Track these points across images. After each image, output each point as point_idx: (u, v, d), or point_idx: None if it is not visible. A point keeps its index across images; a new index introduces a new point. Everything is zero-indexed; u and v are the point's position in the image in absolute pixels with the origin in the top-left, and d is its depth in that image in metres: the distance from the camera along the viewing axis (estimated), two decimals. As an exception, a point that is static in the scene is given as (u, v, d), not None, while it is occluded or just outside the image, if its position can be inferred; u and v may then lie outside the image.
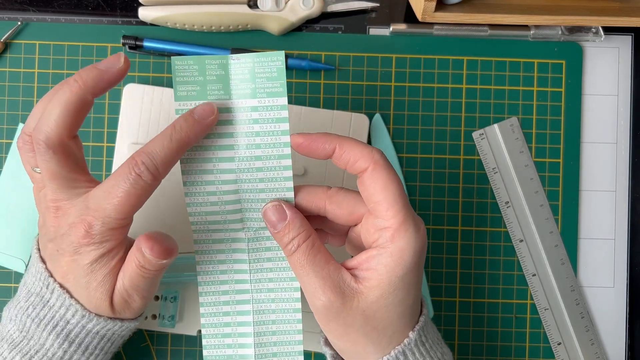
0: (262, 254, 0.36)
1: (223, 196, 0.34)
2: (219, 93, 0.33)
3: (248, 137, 0.34)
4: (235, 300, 0.36)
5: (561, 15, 0.43)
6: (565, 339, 0.47)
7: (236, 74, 0.33)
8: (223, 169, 0.34)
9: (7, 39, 0.46)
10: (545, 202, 0.47)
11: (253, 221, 0.35)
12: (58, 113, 0.32)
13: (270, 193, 0.34)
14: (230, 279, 0.36)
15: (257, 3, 0.45)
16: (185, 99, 0.33)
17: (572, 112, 0.47)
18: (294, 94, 0.47)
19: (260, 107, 0.33)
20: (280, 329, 0.36)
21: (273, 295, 0.36)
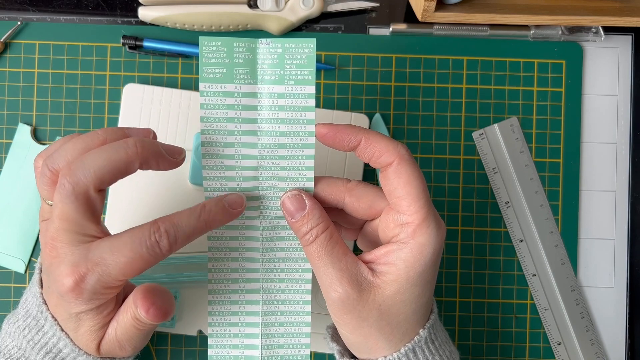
0: (276, 244, 0.35)
1: (242, 182, 0.34)
2: (245, 77, 0.33)
3: (273, 124, 0.33)
4: (245, 289, 0.36)
5: (561, 15, 0.43)
6: (566, 339, 0.47)
7: (264, 59, 0.33)
8: (245, 155, 0.33)
9: (7, 39, 0.46)
10: (545, 202, 0.47)
11: (270, 209, 0.35)
12: (102, 167, 0.30)
13: (291, 182, 0.34)
14: (241, 267, 0.35)
15: (257, 3, 0.45)
16: (211, 81, 0.33)
17: (572, 112, 0.47)
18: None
19: (287, 94, 0.33)
20: (288, 321, 0.36)
21: (284, 285, 0.35)
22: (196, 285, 0.45)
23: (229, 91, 0.33)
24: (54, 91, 0.46)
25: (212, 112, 0.33)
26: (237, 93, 0.33)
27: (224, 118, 0.33)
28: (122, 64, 0.47)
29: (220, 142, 0.33)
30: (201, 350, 0.46)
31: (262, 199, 0.34)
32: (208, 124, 0.33)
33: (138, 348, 0.34)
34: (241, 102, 0.33)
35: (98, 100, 0.46)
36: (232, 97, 0.33)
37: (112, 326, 0.33)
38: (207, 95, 0.33)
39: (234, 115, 0.33)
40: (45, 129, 0.46)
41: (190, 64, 0.47)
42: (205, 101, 0.33)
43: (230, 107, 0.33)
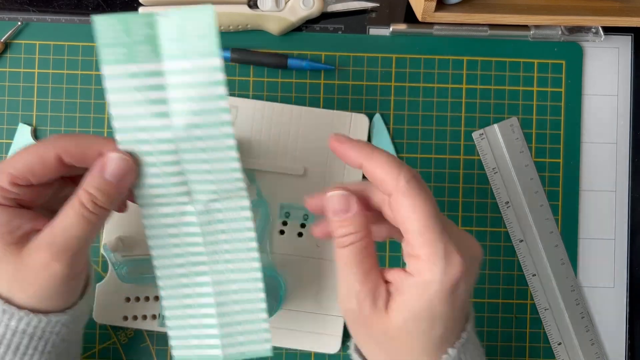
0: (216, 226, 0.34)
1: (164, 167, 0.32)
2: (148, 55, 0.31)
3: (183, 104, 0.31)
4: (193, 272, 0.35)
5: (561, 15, 0.43)
6: (566, 339, 0.47)
7: (165, 33, 0.30)
8: (160, 139, 0.32)
9: (7, 39, 0.46)
10: (545, 202, 0.47)
11: (201, 194, 0.33)
12: (17, 161, 0.32)
13: (215, 164, 0.32)
14: (184, 252, 0.34)
15: (257, 3, 0.45)
16: (113, 63, 0.31)
17: (572, 112, 0.47)
18: (294, 94, 0.47)
19: (193, 70, 0.31)
20: (242, 298, 0.35)
21: (232, 266, 0.34)
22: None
23: (133, 72, 0.31)
24: (54, 91, 0.46)
25: (120, 96, 0.31)
26: (142, 73, 0.31)
27: (132, 102, 0.31)
28: (122, 64, 0.47)
29: (132, 127, 0.32)
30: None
31: (190, 183, 0.33)
32: (118, 109, 0.31)
33: (70, 268, 0.32)
34: (147, 83, 0.31)
35: (98, 100, 0.46)
36: (137, 78, 0.31)
37: (45, 231, 0.32)
38: (111, 79, 0.31)
39: (141, 97, 0.31)
40: (46, 129, 0.46)
41: (191, 64, 0.47)
42: (111, 85, 0.31)
43: (137, 89, 0.31)
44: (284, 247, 0.45)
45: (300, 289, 0.45)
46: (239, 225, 0.34)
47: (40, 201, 0.34)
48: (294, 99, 0.47)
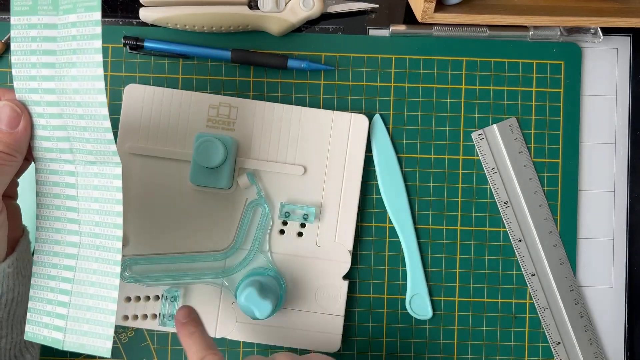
0: (90, 193, 0.35)
1: (50, 120, 0.34)
2: (47, 8, 0.33)
3: (67, 55, 0.33)
4: (66, 241, 0.36)
5: (560, 16, 0.44)
6: (565, 338, 0.47)
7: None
8: (46, 89, 0.33)
9: (8, 40, 0.46)
10: (544, 202, 0.47)
11: (81, 153, 0.34)
12: None
13: (90, 121, 0.33)
14: (63, 216, 0.36)
15: (258, 4, 0.45)
16: (19, 14, 0.33)
17: (571, 113, 0.48)
18: (294, 94, 0.47)
19: (78, 23, 0.32)
20: (99, 281, 0.35)
21: (98, 241, 0.35)
22: (196, 285, 0.45)
23: (32, 23, 0.33)
24: (55, 92, 0.46)
25: (20, 44, 0.33)
26: (40, 25, 0.33)
27: (28, 51, 0.33)
28: (123, 65, 0.47)
29: (26, 75, 0.34)
30: (201, 350, 0.46)
31: (72, 140, 0.34)
32: (17, 57, 0.34)
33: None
34: (42, 34, 0.33)
35: (99, 100, 0.46)
36: (35, 29, 0.33)
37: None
38: (16, 29, 0.33)
39: (36, 47, 0.33)
40: (47, 129, 0.46)
41: (191, 64, 0.47)
42: (15, 34, 0.33)
43: (34, 39, 0.33)
44: (284, 246, 0.45)
45: (300, 289, 0.45)
46: (110, 195, 0.35)
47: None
48: (294, 100, 0.47)
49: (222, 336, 0.45)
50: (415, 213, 0.47)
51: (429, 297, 0.47)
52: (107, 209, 0.34)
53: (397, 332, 0.47)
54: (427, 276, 0.47)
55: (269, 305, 0.41)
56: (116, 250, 0.34)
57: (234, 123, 0.45)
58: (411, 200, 0.47)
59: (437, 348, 0.47)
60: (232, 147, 0.43)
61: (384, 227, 0.47)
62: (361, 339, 0.47)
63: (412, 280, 0.47)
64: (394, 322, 0.47)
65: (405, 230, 0.47)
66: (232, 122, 0.45)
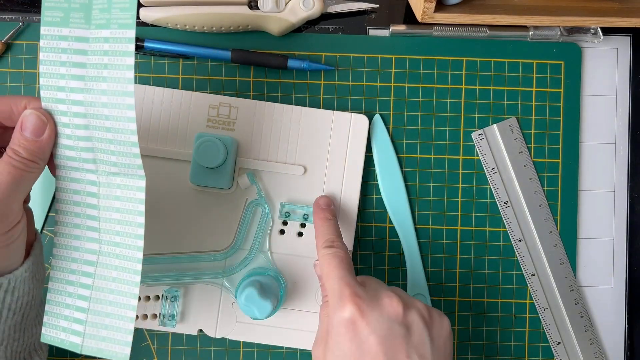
0: (111, 203, 0.35)
1: (76, 130, 0.34)
2: (80, 22, 0.33)
3: (97, 70, 0.33)
4: (85, 248, 0.36)
5: (560, 16, 0.44)
6: (565, 338, 0.47)
7: (97, 4, 0.33)
8: (74, 100, 0.34)
9: (8, 40, 0.46)
10: (544, 202, 0.47)
11: (105, 164, 0.35)
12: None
13: (117, 134, 0.34)
14: (82, 223, 0.36)
15: (258, 4, 0.45)
16: (50, 25, 0.33)
17: (571, 113, 0.48)
18: (294, 94, 0.47)
19: (111, 39, 0.33)
20: (118, 289, 0.35)
21: (118, 250, 0.35)
22: (196, 285, 0.45)
23: (64, 35, 0.33)
24: (56, 92, 0.46)
25: (49, 55, 0.34)
26: (71, 37, 0.33)
27: (57, 62, 0.34)
28: (123, 65, 0.47)
29: (54, 86, 0.34)
30: (202, 350, 0.46)
31: (96, 151, 0.34)
32: (45, 67, 0.34)
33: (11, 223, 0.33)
34: (73, 46, 0.33)
35: (99, 100, 0.46)
36: (66, 40, 0.33)
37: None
38: (45, 39, 0.34)
39: (66, 59, 0.33)
40: (47, 129, 0.46)
41: (191, 64, 0.47)
42: (44, 44, 0.34)
43: (64, 50, 0.34)
44: (284, 246, 0.45)
45: (300, 289, 0.45)
46: (132, 206, 0.35)
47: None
48: (294, 100, 0.47)
49: (222, 336, 0.45)
50: (415, 213, 0.47)
51: (429, 297, 0.47)
52: (128, 219, 0.35)
53: (397, 332, 0.47)
54: (427, 276, 0.47)
55: (269, 305, 0.41)
56: (136, 260, 0.35)
57: (234, 123, 0.45)
58: (411, 200, 0.47)
59: (437, 348, 0.47)
60: (232, 147, 0.43)
61: (384, 227, 0.47)
62: (361, 339, 0.47)
63: (412, 280, 0.47)
64: (394, 322, 0.47)
65: (405, 230, 0.47)
66: (232, 122, 0.45)
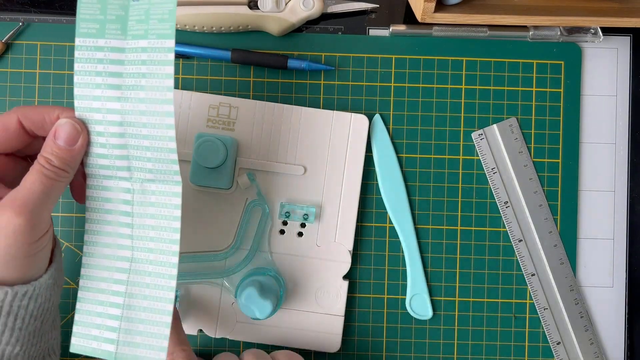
0: (146, 209, 0.35)
1: (110, 138, 0.34)
2: (115, 32, 0.34)
3: (135, 79, 0.34)
4: (116, 256, 0.36)
5: (560, 16, 0.44)
6: (565, 338, 0.47)
7: (134, 15, 0.34)
8: (109, 109, 0.34)
9: (8, 40, 0.46)
10: (544, 202, 0.47)
11: (139, 171, 0.35)
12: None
13: (154, 141, 0.34)
14: (114, 231, 0.36)
15: (258, 4, 0.45)
16: (85, 36, 0.34)
17: (571, 113, 0.48)
18: (294, 94, 0.47)
19: (149, 48, 0.33)
20: (152, 294, 0.35)
21: (152, 256, 0.35)
22: (196, 285, 0.45)
23: (99, 46, 0.34)
24: (56, 92, 0.46)
25: (84, 65, 0.34)
26: (107, 47, 0.34)
27: (93, 72, 0.34)
28: (123, 65, 0.47)
29: (89, 95, 0.34)
30: (202, 350, 0.46)
31: (131, 159, 0.35)
32: (80, 77, 0.34)
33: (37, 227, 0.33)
34: (109, 57, 0.34)
35: (99, 100, 0.46)
36: (102, 51, 0.34)
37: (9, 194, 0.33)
38: (80, 50, 0.34)
39: (102, 69, 0.34)
40: (47, 129, 0.46)
41: (191, 64, 0.47)
42: (79, 55, 0.34)
43: (100, 61, 0.34)
44: (284, 246, 0.45)
45: (300, 288, 0.45)
46: (167, 212, 0.35)
47: (8, 174, 0.35)
48: (294, 100, 0.47)
49: (222, 336, 0.45)
50: (415, 213, 0.47)
51: (429, 297, 0.47)
52: (163, 225, 0.35)
53: (397, 332, 0.47)
54: (427, 276, 0.47)
55: (269, 305, 0.41)
56: (172, 265, 0.35)
57: (234, 123, 0.45)
58: (411, 200, 0.47)
59: (437, 348, 0.47)
60: (232, 147, 0.43)
61: (384, 227, 0.47)
62: (361, 339, 0.47)
63: (412, 280, 0.47)
64: (394, 322, 0.47)
65: (405, 230, 0.47)
66: (232, 122, 0.45)
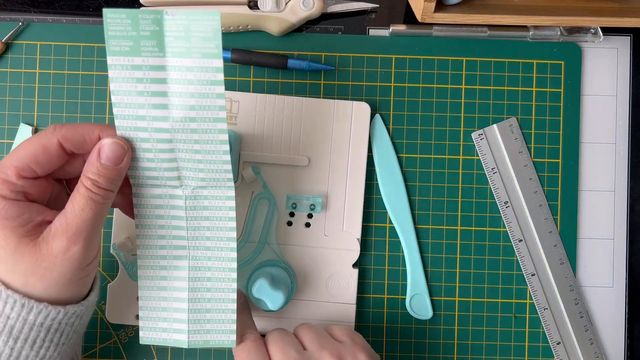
0: (200, 212, 0.36)
1: (159, 154, 0.34)
2: (152, 50, 0.32)
3: (182, 98, 0.33)
4: (172, 256, 0.37)
5: (560, 16, 0.44)
6: (565, 338, 0.47)
7: (171, 31, 0.32)
8: (157, 128, 0.34)
9: (8, 40, 0.46)
10: (544, 202, 0.47)
11: (190, 179, 0.35)
12: (20, 153, 0.33)
13: (207, 155, 0.34)
14: (168, 234, 0.36)
15: (258, 4, 0.45)
16: (118, 54, 0.33)
17: (571, 113, 0.48)
18: (294, 94, 0.47)
19: (195, 68, 0.32)
20: (215, 286, 0.37)
21: (209, 253, 0.37)
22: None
23: (136, 64, 0.33)
24: (55, 92, 0.46)
25: (122, 85, 0.33)
26: (145, 66, 0.33)
27: (133, 92, 0.33)
28: (123, 65, 0.47)
29: (132, 115, 0.34)
30: (202, 350, 0.46)
31: (181, 170, 0.35)
32: (119, 97, 0.33)
33: (87, 250, 0.33)
34: (150, 76, 0.33)
35: (99, 100, 0.46)
36: (140, 70, 0.33)
37: (59, 219, 0.33)
38: (115, 69, 0.33)
39: (143, 88, 0.33)
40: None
41: (191, 64, 0.47)
42: (114, 74, 0.33)
43: (139, 80, 0.33)
44: (293, 238, 0.45)
45: (310, 279, 0.45)
46: (222, 214, 0.36)
47: (46, 196, 0.35)
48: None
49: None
50: (415, 213, 0.47)
51: (429, 297, 0.47)
52: (219, 225, 0.36)
53: (397, 332, 0.47)
54: (427, 276, 0.47)
55: (281, 296, 0.41)
56: (231, 259, 0.37)
57: (236, 117, 0.45)
58: (411, 200, 0.47)
59: (437, 348, 0.47)
60: (235, 141, 0.44)
61: (384, 227, 0.47)
62: (361, 339, 0.47)
63: (412, 280, 0.47)
64: (394, 322, 0.47)
65: (405, 230, 0.47)
66: (234, 117, 0.45)
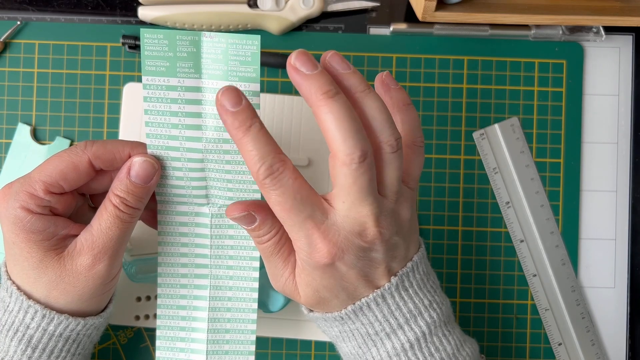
0: (225, 231, 0.36)
1: (189, 173, 0.34)
2: (189, 71, 0.32)
3: (217, 120, 0.33)
4: (193, 274, 0.37)
5: (562, 15, 0.43)
6: (566, 339, 0.47)
7: (208, 53, 0.32)
8: (190, 148, 0.34)
9: (6, 39, 0.46)
10: (546, 203, 0.47)
11: (218, 198, 0.35)
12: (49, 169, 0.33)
13: (237, 175, 0.34)
14: (190, 252, 0.36)
15: (257, 3, 0.45)
16: (153, 74, 0.32)
17: (572, 112, 0.47)
18: (294, 93, 0.47)
19: None
20: (235, 306, 0.37)
21: (232, 272, 0.37)
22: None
23: (172, 85, 0.33)
24: (54, 91, 0.46)
25: (156, 105, 0.33)
26: (181, 87, 0.33)
27: (167, 112, 0.33)
28: (121, 64, 0.46)
29: (165, 134, 0.33)
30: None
31: (210, 188, 0.35)
32: (152, 117, 0.33)
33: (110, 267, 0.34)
34: (185, 97, 0.33)
35: (97, 100, 0.46)
36: (175, 90, 0.33)
37: (84, 235, 0.33)
38: (150, 89, 0.33)
39: (177, 109, 0.33)
40: (45, 128, 0.46)
41: (190, 63, 0.47)
42: (149, 94, 0.33)
43: (174, 100, 0.33)
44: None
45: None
46: (246, 233, 0.36)
47: (71, 210, 0.35)
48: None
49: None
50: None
51: (430, 297, 0.47)
52: (243, 244, 0.36)
53: (397, 333, 0.47)
54: (428, 277, 0.47)
55: (280, 297, 0.41)
56: (253, 279, 0.36)
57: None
58: (412, 201, 0.47)
59: (438, 349, 0.47)
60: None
61: (385, 228, 0.47)
62: (362, 339, 0.47)
63: (412, 280, 0.46)
64: (395, 323, 0.47)
65: (406, 231, 0.46)
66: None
